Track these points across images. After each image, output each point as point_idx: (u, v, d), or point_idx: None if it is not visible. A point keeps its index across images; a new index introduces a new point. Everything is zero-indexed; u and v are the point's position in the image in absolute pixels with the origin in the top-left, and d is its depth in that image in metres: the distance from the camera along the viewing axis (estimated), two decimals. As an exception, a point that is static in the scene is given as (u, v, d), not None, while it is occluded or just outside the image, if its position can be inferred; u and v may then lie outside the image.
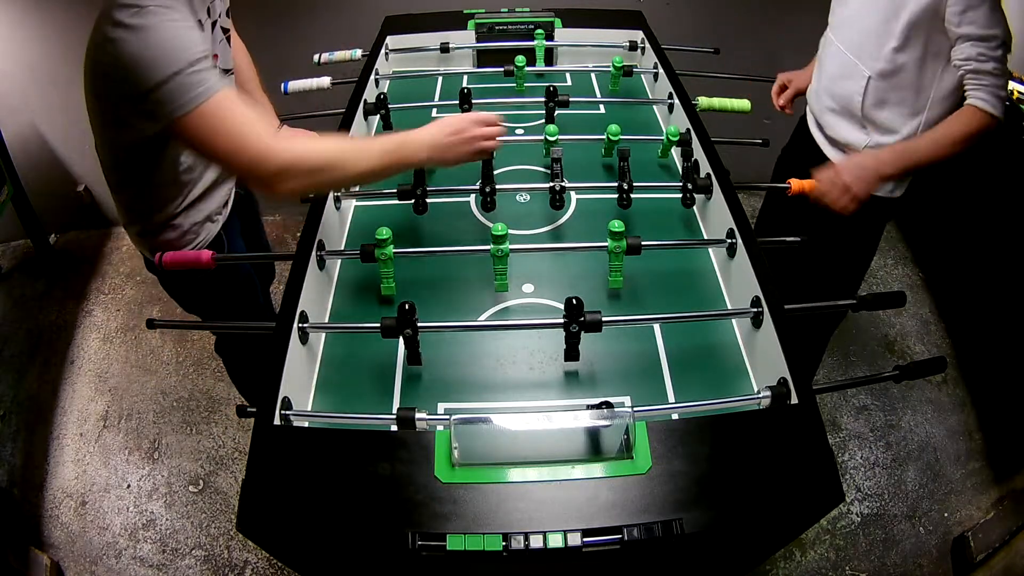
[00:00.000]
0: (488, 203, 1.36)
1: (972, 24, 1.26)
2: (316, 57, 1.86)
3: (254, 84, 1.57)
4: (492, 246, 1.17)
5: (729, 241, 1.23)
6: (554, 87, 1.59)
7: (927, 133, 1.39)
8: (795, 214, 1.52)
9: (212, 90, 1.02)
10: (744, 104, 1.71)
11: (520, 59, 1.72)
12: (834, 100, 1.52)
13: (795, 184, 1.41)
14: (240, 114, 1.04)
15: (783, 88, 1.79)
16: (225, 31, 1.30)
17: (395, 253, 1.20)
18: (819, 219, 1.45)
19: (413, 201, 1.35)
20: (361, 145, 1.18)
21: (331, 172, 1.10)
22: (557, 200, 1.35)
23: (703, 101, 1.67)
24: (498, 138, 1.25)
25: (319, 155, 1.09)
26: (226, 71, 1.31)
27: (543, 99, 1.59)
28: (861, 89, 1.43)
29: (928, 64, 1.36)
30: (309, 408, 1.07)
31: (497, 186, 1.41)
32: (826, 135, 1.59)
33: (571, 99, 1.60)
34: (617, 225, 1.16)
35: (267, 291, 1.90)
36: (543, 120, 1.62)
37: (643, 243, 1.19)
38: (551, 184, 1.35)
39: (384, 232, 1.17)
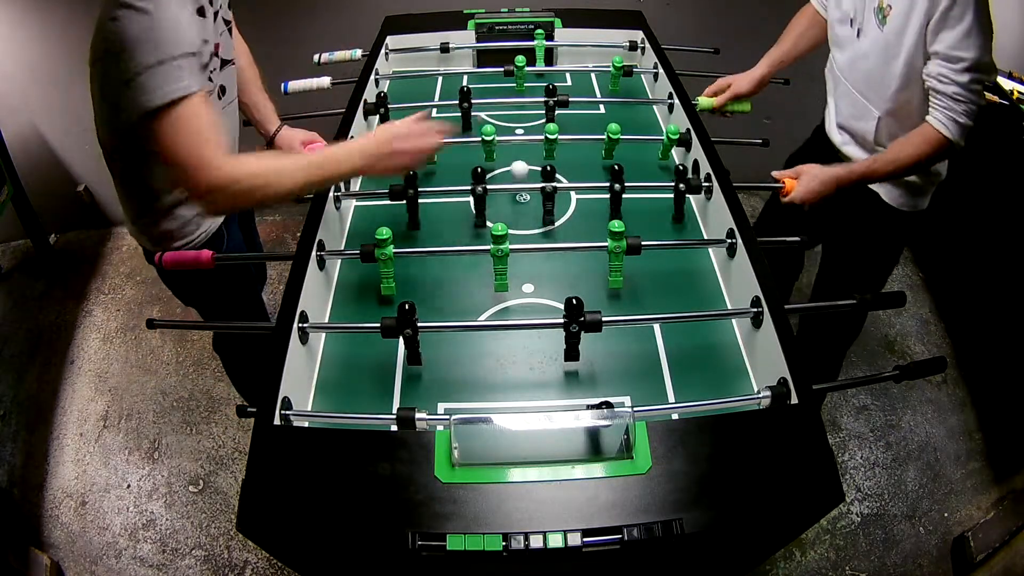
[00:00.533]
0: (480, 219, 1.37)
1: (942, 42, 1.25)
2: (316, 57, 1.86)
3: (255, 84, 1.57)
4: (492, 246, 1.17)
5: (729, 241, 1.23)
6: (554, 86, 1.60)
7: (886, 154, 1.37)
8: (799, 217, 1.52)
9: (185, 91, 1.04)
10: (744, 106, 1.70)
11: (520, 59, 1.72)
12: (852, 136, 1.54)
13: (788, 184, 1.41)
14: (201, 123, 1.06)
15: (721, 90, 1.74)
16: (227, 22, 1.31)
17: (395, 253, 1.20)
18: (836, 232, 1.43)
19: (408, 215, 1.36)
20: (292, 163, 1.16)
21: (260, 192, 1.11)
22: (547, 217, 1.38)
23: (703, 101, 1.67)
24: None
25: (250, 177, 1.10)
26: (226, 61, 1.31)
27: (543, 99, 1.60)
28: (873, 128, 1.45)
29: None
30: (309, 408, 1.07)
31: (497, 186, 1.41)
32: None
33: (571, 99, 1.60)
34: (617, 225, 1.16)
35: (260, 292, 1.91)
36: (543, 120, 1.62)
37: (643, 243, 1.19)
38: (545, 207, 1.37)
39: (384, 232, 1.18)
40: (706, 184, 1.37)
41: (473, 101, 1.60)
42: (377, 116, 1.62)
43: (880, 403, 2.17)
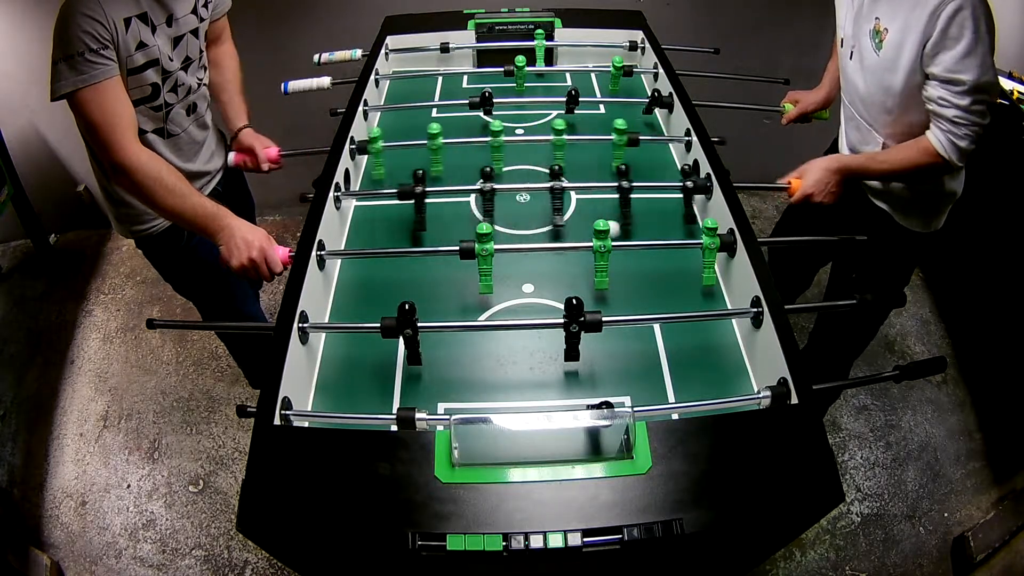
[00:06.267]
0: (488, 209, 1.36)
1: (939, 64, 1.21)
2: (316, 57, 1.86)
3: (235, 84, 1.62)
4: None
5: (729, 241, 1.23)
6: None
7: (884, 153, 1.37)
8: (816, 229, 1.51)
9: (92, 80, 1.18)
10: (823, 114, 1.73)
11: (520, 59, 1.72)
12: None
13: (794, 184, 1.41)
14: (114, 109, 1.21)
15: (796, 101, 1.77)
16: (201, 19, 1.39)
17: (394, 253, 1.20)
18: (846, 250, 1.42)
19: (413, 201, 1.36)
20: (187, 191, 1.27)
21: (151, 192, 1.24)
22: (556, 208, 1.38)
23: (788, 107, 1.71)
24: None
25: (148, 175, 1.24)
26: (186, 62, 1.39)
27: (546, 99, 1.60)
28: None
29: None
30: (309, 408, 1.07)
31: (497, 186, 1.41)
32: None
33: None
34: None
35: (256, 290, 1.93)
36: (543, 120, 1.62)
37: (643, 243, 1.19)
38: (551, 185, 1.36)
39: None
40: (706, 184, 1.37)
41: (473, 101, 1.61)
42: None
43: (880, 403, 2.17)
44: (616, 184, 1.36)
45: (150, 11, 1.27)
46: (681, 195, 1.38)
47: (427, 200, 1.36)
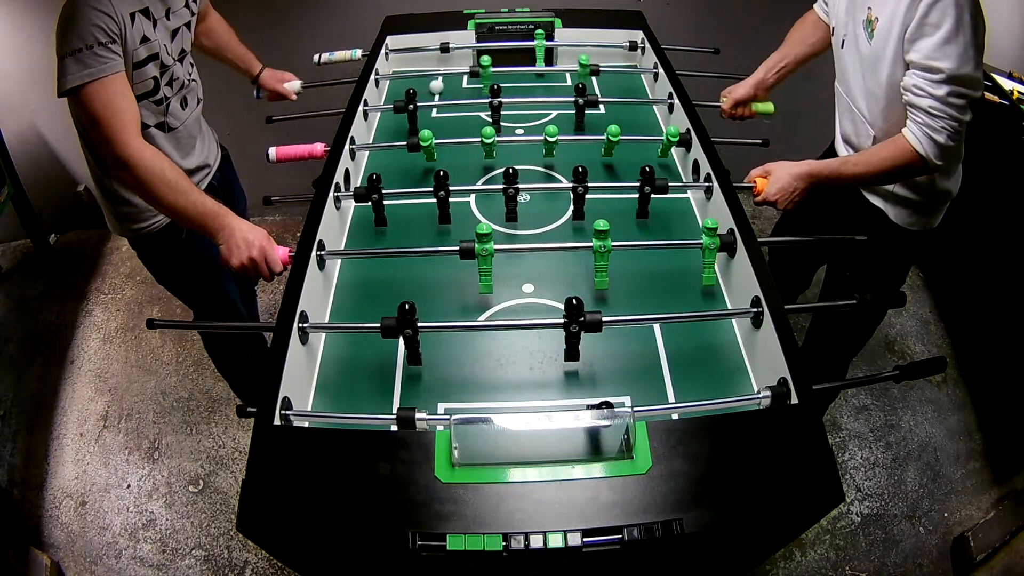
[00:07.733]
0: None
1: (917, 52, 1.19)
2: (316, 57, 1.87)
3: (235, 40, 1.73)
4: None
5: (729, 241, 1.23)
6: (583, 84, 1.61)
7: (860, 156, 1.35)
8: (814, 222, 1.50)
9: (99, 74, 1.18)
10: (767, 107, 1.70)
11: (485, 59, 1.72)
12: (855, 152, 1.48)
13: (759, 183, 1.39)
14: (118, 104, 1.21)
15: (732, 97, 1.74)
16: (192, 13, 1.43)
17: (394, 253, 1.20)
18: (840, 249, 1.40)
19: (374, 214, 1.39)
20: (188, 188, 1.26)
21: (153, 188, 1.23)
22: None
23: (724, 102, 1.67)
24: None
25: (151, 171, 1.22)
26: (181, 54, 1.42)
27: (547, 99, 1.60)
28: (869, 147, 1.40)
29: None
30: (309, 408, 1.07)
31: (496, 186, 1.41)
32: None
33: (569, 99, 1.60)
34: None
35: (250, 288, 1.95)
36: (543, 120, 1.62)
37: (642, 243, 1.19)
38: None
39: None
40: (706, 184, 1.37)
41: (474, 101, 1.60)
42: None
43: (880, 403, 2.17)
44: (572, 185, 1.36)
45: (151, 5, 1.28)
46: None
47: (424, 201, 1.36)
